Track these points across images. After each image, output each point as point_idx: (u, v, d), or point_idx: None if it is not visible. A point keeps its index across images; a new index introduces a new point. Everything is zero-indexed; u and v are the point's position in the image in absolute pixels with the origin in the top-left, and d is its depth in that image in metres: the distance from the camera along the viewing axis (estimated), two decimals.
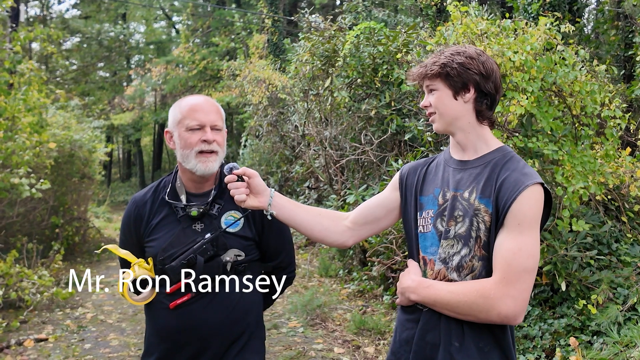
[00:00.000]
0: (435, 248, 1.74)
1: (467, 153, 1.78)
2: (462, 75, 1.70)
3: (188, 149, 1.91)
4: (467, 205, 1.69)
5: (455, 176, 1.76)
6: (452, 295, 1.63)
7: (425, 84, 1.78)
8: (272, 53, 14.24)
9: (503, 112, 3.97)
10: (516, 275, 1.57)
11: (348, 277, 6.96)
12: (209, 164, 1.92)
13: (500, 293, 1.58)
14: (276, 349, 4.73)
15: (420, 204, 1.82)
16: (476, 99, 1.73)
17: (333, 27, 6.93)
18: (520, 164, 1.69)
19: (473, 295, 1.60)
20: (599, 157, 4.16)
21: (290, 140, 10.16)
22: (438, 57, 1.75)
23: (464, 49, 1.75)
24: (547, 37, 4.14)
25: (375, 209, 1.93)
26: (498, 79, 1.75)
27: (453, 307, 1.63)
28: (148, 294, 1.94)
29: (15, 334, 5.27)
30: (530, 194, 1.60)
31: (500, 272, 1.59)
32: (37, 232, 8.45)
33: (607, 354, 3.67)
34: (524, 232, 1.59)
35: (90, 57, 25.37)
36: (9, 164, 6.67)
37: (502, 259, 1.59)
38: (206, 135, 1.90)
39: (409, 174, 1.90)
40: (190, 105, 1.94)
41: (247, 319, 1.99)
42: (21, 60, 7.14)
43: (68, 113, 10.38)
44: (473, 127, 1.75)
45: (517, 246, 1.58)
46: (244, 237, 1.97)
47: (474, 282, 1.64)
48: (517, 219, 1.59)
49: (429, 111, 1.79)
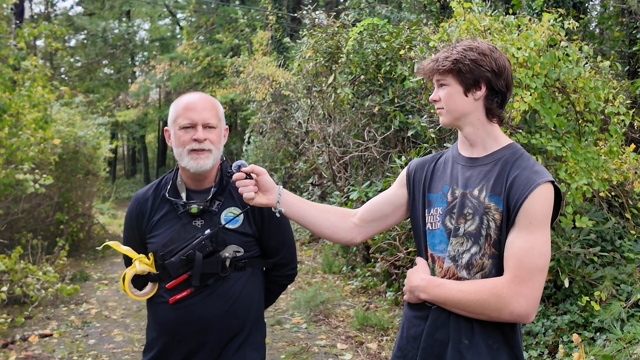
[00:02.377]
0: (444, 245, 1.73)
1: (475, 150, 1.76)
2: (474, 71, 1.67)
3: (181, 147, 1.94)
4: (477, 203, 1.68)
5: (464, 173, 1.74)
6: (463, 294, 1.63)
7: (436, 78, 1.75)
8: (275, 50, 14.23)
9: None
10: (528, 274, 1.57)
11: (351, 274, 6.97)
12: (200, 162, 1.92)
13: (512, 292, 1.57)
14: (279, 345, 4.74)
15: (429, 201, 1.80)
16: (487, 96, 1.70)
17: (336, 23, 6.92)
18: (531, 162, 1.67)
19: (485, 294, 1.59)
20: (603, 154, 4.15)
21: (293, 136, 10.16)
22: (450, 51, 1.72)
23: (476, 44, 1.71)
24: (550, 34, 4.13)
25: (382, 205, 1.92)
26: (510, 77, 1.72)
27: (464, 306, 1.63)
28: (149, 289, 1.96)
29: (20, 330, 5.31)
30: (541, 192, 1.59)
31: (512, 271, 1.58)
32: (42, 229, 8.49)
33: (610, 351, 3.67)
34: (536, 231, 1.58)
35: (95, 54, 25.41)
36: (13, 160, 6.70)
37: (514, 258, 1.59)
38: (197, 135, 1.92)
39: (416, 171, 1.89)
40: (185, 104, 1.95)
41: (247, 314, 2.00)
42: (25, 56, 7.16)
43: (72, 110, 10.41)
44: (482, 124, 1.73)
45: (528, 245, 1.58)
46: (244, 233, 1.98)
47: (486, 281, 1.63)
48: (529, 217, 1.59)
49: (437, 106, 1.77)
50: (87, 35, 25.44)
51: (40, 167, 7.72)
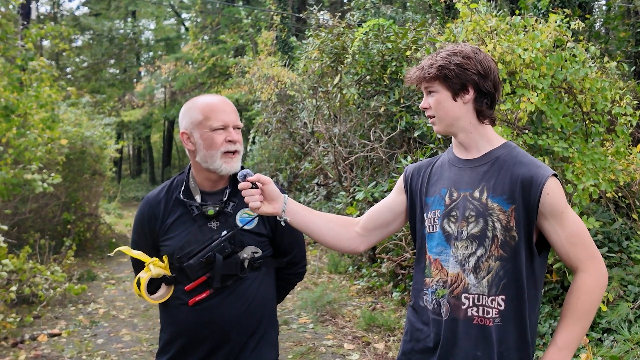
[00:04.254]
0: (441, 248, 1.75)
1: (470, 152, 1.78)
2: (461, 76, 1.69)
3: (213, 149, 1.92)
4: (479, 205, 1.69)
5: (462, 175, 1.76)
6: (579, 325, 1.67)
7: (424, 86, 1.77)
8: (280, 50, 14.24)
9: (513, 109, 3.96)
10: (588, 248, 1.68)
11: (357, 274, 6.99)
12: (232, 164, 1.94)
13: (600, 270, 1.68)
14: (287, 345, 4.76)
15: (427, 204, 1.82)
16: (476, 99, 1.72)
17: (342, 24, 6.93)
18: (530, 158, 1.71)
19: (588, 301, 1.66)
20: (610, 154, 4.14)
21: (299, 137, 10.17)
22: (434, 58, 1.74)
23: (460, 48, 1.73)
24: (557, 34, 4.13)
25: (383, 213, 1.94)
26: (497, 77, 1.74)
27: (587, 323, 1.69)
28: (164, 292, 1.96)
29: (29, 329, 5.34)
30: (551, 184, 1.65)
31: (582, 257, 1.68)
32: (50, 228, 8.54)
33: (617, 352, 3.67)
34: (568, 215, 1.67)
35: (101, 54, 25.50)
36: (21, 160, 6.74)
37: (572, 247, 1.67)
38: (231, 136, 1.92)
39: (413, 175, 1.90)
40: (211, 106, 1.94)
41: (263, 313, 2.02)
42: (33, 57, 7.20)
43: (79, 110, 10.45)
44: (475, 127, 1.75)
45: (574, 229, 1.68)
46: (259, 233, 2.00)
47: (579, 292, 1.68)
48: (552, 210, 1.65)
49: (428, 113, 1.79)
50: (93, 36, 25.56)
51: (48, 167, 7.76)
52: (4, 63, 6.64)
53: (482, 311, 1.67)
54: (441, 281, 1.74)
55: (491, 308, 1.66)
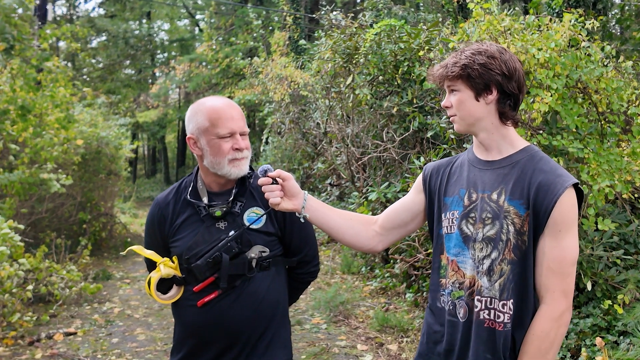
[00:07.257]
0: (458, 249, 1.73)
1: (491, 153, 1.75)
2: (484, 76, 1.66)
3: (220, 157, 1.92)
4: (496, 207, 1.67)
5: (481, 177, 1.73)
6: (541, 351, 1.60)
7: (446, 84, 1.74)
8: (293, 51, 14.26)
9: (527, 109, 3.93)
10: (563, 282, 1.61)
11: (370, 274, 6.98)
12: (242, 167, 1.95)
13: (561, 308, 1.61)
14: (300, 345, 4.77)
15: (445, 205, 1.80)
16: (499, 100, 1.69)
17: (354, 24, 6.92)
18: (553, 165, 1.66)
19: (552, 330, 1.60)
20: (626, 155, 4.09)
21: (312, 137, 10.19)
22: (459, 56, 1.71)
23: (485, 47, 1.70)
24: (571, 34, 4.09)
25: (401, 213, 1.92)
26: (521, 78, 1.70)
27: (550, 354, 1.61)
28: (174, 292, 1.97)
29: (45, 328, 5.41)
30: (567, 197, 1.60)
31: (551, 288, 1.61)
32: (65, 228, 8.65)
33: (634, 355, 3.62)
34: (565, 237, 1.60)
35: (116, 55, 25.72)
36: (37, 160, 6.83)
37: (547, 272, 1.61)
38: (238, 144, 1.92)
39: (432, 175, 1.88)
40: (218, 112, 1.92)
41: (274, 313, 2.01)
42: (48, 57, 7.29)
43: (95, 111, 10.56)
44: (496, 128, 1.72)
45: (561, 254, 1.60)
46: (267, 232, 1.99)
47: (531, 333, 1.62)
48: (558, 225, 1.60)
49: (449, 112, 1.77)
50: (109, 37, 25.76)
51: (64, 167, 7.86)
52: (20, 63, 6.73)
53: (493, 314, 1.66)
54: (457, 282, 1.73)
55: (502, 312, 1.65)
